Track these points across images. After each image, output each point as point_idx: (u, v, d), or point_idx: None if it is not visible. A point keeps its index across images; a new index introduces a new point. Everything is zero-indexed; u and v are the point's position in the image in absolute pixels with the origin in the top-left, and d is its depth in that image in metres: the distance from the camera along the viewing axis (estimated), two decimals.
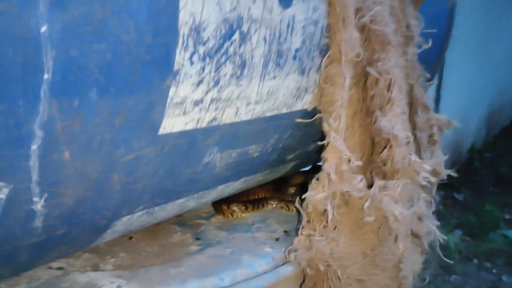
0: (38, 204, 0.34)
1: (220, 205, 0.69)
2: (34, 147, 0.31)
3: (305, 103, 0.56)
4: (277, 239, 0.63)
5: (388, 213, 0.50)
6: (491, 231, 2.53)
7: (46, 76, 0.29)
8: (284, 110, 0.54)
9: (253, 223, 0.68)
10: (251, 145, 0.53)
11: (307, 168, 0.82)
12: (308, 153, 0.69)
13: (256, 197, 0.74)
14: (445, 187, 3.19)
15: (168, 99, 0.38)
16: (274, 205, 0.71)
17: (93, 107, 0.33)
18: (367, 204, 0.50)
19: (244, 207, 0.68)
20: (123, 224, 0.47)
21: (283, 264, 0.56)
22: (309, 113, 0.57)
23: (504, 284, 2.16)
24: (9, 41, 0.27)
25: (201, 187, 0.52)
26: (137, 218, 0.48)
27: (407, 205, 0.53)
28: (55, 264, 0.54)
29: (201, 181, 0.51)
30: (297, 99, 0.54)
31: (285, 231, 0.65)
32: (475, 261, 2.33)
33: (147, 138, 0.39)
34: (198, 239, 0.63)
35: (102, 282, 0.50)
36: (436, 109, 2.79)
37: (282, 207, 0.70)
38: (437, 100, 2.79)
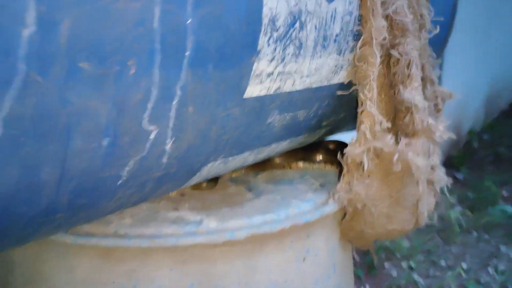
0: (168, 145, 0.49)
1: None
2: (175, 102, 0.45)
3: (340, 77, 0.70)
4: (315, 189, 0.77)
5: (412, 163, 0.65)
6: (489, 206, 2.68)
7: (187, 53, 0.43)
8: (325, 83, 0.68)
9: (293, 178, 0.83)
10: (300, 110, 0.67)
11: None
12: (338, 121, 0.83)
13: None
14: (446, 167, 3.34)
15: (252, 72, 0.53)
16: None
17: (209, 76, 0.47)
18: (396, 157, 0.64)
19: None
20: (207, 169, 0.61)
21: (323, 205, 0.71)
22: (344, 86, 0.71)
23: (502, 253, 2.32)
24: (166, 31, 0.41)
25: (262, 143, 0.67)
26: (216, 166, 0.62)
27: (425, 157, 0.68)
28: (145, 205, 0.69)
29: (263, 138, 0.65)
30: (334, 74, 0.69)
31: (321, 184, 0.80)
32: (475, 233, 2.49)
33: (236, 100, 0.53)
34: (250, 190, 0.78)
35: (187, 217, 0.65)
36: None
37: (311, 166, 0.85)
38: (438, 82, 2.92)
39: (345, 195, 0.67)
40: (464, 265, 2.22)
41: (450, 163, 3.29)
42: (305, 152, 0.91)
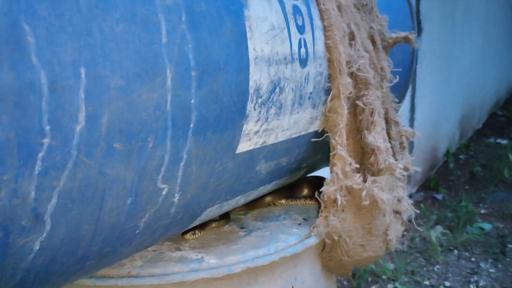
0: (176, 198, 0.59)
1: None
2: (182, 164, 0.56)
3: (315, 126, 0.82)
4: (299, 224, 0.88)
5: (378, 198, 0.76)
6: (468, 225, 2.81)
7: (191, 125, 0.54)
8: (303, 132, 0.80)
9: (279, 214, 0.93)
10: (282, 158, 0.79)
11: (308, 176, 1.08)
12: (315, 162, 0.95)
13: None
14: (425, 188, 3.50)
15: (242, 132, 0.64)
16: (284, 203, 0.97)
17: (208, 140, 0.58)
18: (364, 193, 0.76)
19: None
20: (205, 213, 0.72)
21: (307, 238, 0.82)
22: (318, 134, 0.83)
23: (482, 270, 2.44)
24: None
25: (251, 188, 0.77)
26: (213, 210, 0.73)
27: (389, 192, 0.79)
28: (151, 248, 0.78)
29: (252, 184, 0.76)
30: (310, 124, 0.80)
31: (304, 219, 0.91)
32: (455, 251, 2.61)
33: (230, 156, 0.64)
34: (242, 227, 0.88)
35: (189, 256, 0.75)
36: (412, 117, 3.09)
37: (292, 203, 0.96)
38: (412, 109, 3.09)
39: (324, 229, 0.78)
40: (447, 283, 2.33)
41: (428, 185, 3.45)
42: (288, 190, 1.02)
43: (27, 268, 0.46)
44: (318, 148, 0.89)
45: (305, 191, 1.02)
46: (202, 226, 0.83)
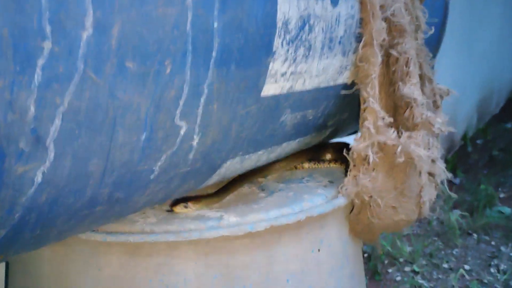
0: (195, 141, 0.53)
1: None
2: (202, 99, 0.50)
3: (344, 78, 0.75)
4: (325, 186, 0.82)
5: (414, 155, 0.69)
6: (487, 208, 2.73)
7: (213, 53, 0.48)
8: (331, 83, 0.73)
9: (302, 177, 0.87)
10: (309, 110, 0.72)
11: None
12: (342, 121, 0.88)
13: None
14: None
15: (268, 71, 0.57)
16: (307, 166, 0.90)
17: (231, 75, 0.52)
18: (399, 149, 0.69)
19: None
20: (225, 167, 0.65)
21: (334, 199, 0.75)
22: (347, 86, 0.76)
23: (503, 253, 2.36)
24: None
25: (274, 142, 0.71)
26: (234, 164, 0.67)
27: (425, 150, 0.72)
28: (165, 207, 0.72)
29: (276, 137, 0.70)
30: (339, 74, 0.73)
31: (329, 181, 0.84)
32: (474, 235, 2.53)
33: (254, 98, 0.58)
34: (263, 189, 0.82)
35: (208, 214, 0.69)
36: None
37: (316, 166, 0.89)
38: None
39: (353, 189, 0.71)
40: (467, 267, 2.26)
41: (446, 168, 3.35)
42: (311, 153, 0.95)
43: (28, 206, 0.40)
44: (346, 105, 0.82)
45: (329, 155, 0.95)
46: (196, 199, 0.69)
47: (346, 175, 0.78)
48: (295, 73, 0.62)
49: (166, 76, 0.44)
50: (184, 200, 0.68)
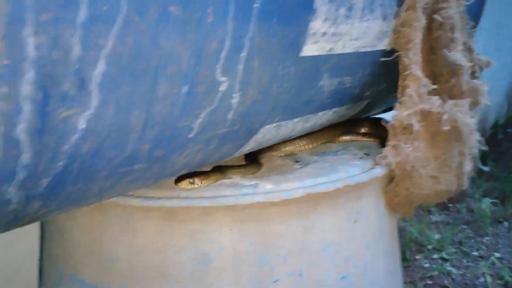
0: (235, 100, 0.51)
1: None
2: (243, 54, 0.48)
3: (384, 44, 0.72)
4: (360, 158, 0.79)
5: (460, 123, 0.66)
6: None
7: (256, 5, 0.46)
8: (370, 49, 0.70)
9: (337, 150, 0.85)
10: (347, 76, 0.70)
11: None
12: (378, 92, 0.85)
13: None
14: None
15: (308, 30, 0.55)
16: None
17: (273, 31, 0.50)
18: (445, 117, 0.66)
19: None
20: (262, 132, 0.64)
21: (372, 169, 0.73)
22: (386, 53, 0.73)
23: None
24: None
25: (311, 110, 0.69)
26: (270, 130, 0.65)
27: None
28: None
29: (312, 103, 0.68)
30: (379, 40, 0.71)
31: (365, 153, 0.82)
32: (505, 223, 2.46)
33: (294, 58, 0.56)
34: (297, 161, 0.80)
35: (242, 182, 0.68)
36: None
37: (354, 138, 0.87)
38: None
39: (394, 159, 0.69)
40: (497, 255, 2.20)
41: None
42: (345, 127, 0.93)
43: (71, 155, 0.39)
44: (383, 75, 0.79)
45: (364, 129, 0.93)
46: (205, 174, 0.64)
47: (382, 148, 0.76)
48: (335, 34, 0.60)
49: (208, 25, 0.42)
50: (190, 175, 0.63)
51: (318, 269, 0.67)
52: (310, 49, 0.57)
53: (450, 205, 2.64)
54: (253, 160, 0.76)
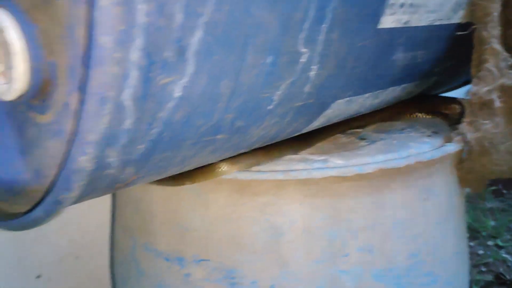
0: (313, 72, 0.52)
1: None
2: (324, 25, 0.48)
3: (459, 17, 0.70)
4: (429, 136, 0.78)
5: None
6: None
7: None
8: (445, 21, 0.68)
9: (402, 128, 0.83)
10: (419, 51, 0.68)
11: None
12: (447, 69, 0.83)
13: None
14: None
15: (387, 1, 0.54)
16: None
17: (354, 1, 0.49)
18: None
19: None
20: (332, 108, 0.64)
21: (443, 146, 0.71)
22: (461, 27, 0.71)
23: None
24: None
25: (381, 84, 0.68)
26: (340, 106, 0.65)
27: None
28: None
29: (384, 78, 0.67)
30: (454, 13, 0.68)
31: (433, 131, 0.80)
32: None
33: (372, 30, 0.55)
34: (363, 138, 0.80)
35: (312, 157, 0.68)
36: None
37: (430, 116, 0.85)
38: None
39: (473, 135, 0.67)
40: None
41: None
42: (414, 104, 0.91)
43: (165, 121, 0.41)
44: (454, 51, 0.76)
45: (435, 107, 0.91)
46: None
47: (451, 126, 0.74)
48: (412, 6, 0.59)
49: None
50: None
51: (388, 245, 0.66)
52: (387, 21, 0.56)
53: (505, 191, 2.54)
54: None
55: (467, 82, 0.87)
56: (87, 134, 0.35)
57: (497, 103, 0.64)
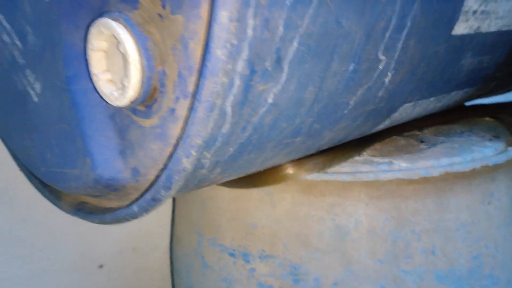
0: (388, 78, 0.53)
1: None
2: (404, 33, 0.49)
3: None
4: (490, 139, 0.78)
5: None
6: None
7: None
8: (510, 28, 0.68)
9: (462, 131, 0.84)
10: (486, 55, 0.69)
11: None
12: (507, 74, 0.82)
13: None
14: None
15: (463, 7, 0.55)
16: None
17: (433, 8, 0.51)
18: None
19: None
20: (398, 111, 0.65)
21: (508, 150, 0.72)
22: None
23: None
24: None
25: (447, 88, 0.69)
26: (405, 110, 0.66)
27: None
28: None
29: (450, 82, 0.67)
30: None
31: (493, 135, 0.80)
32: None
33: (445, 36, 0.56)
34: (422, 141, 0.80)
35: (376, 160, 0.70)
36: None
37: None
38: None
39: None
40: None
41: None
42: (470, 109, 0.91)
43: (256, 126, 0.43)
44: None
45: (494, 111, 0.90)
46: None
47: (510, 130, 0.74)
48: (484, 12, 0.59)
49: (381, 4, 0.44)
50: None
51: (450, 248, 0.67)
52: (460, 28, 0.57)
53: None
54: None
55: None
56: (193, 138, 0.38)
57: None
